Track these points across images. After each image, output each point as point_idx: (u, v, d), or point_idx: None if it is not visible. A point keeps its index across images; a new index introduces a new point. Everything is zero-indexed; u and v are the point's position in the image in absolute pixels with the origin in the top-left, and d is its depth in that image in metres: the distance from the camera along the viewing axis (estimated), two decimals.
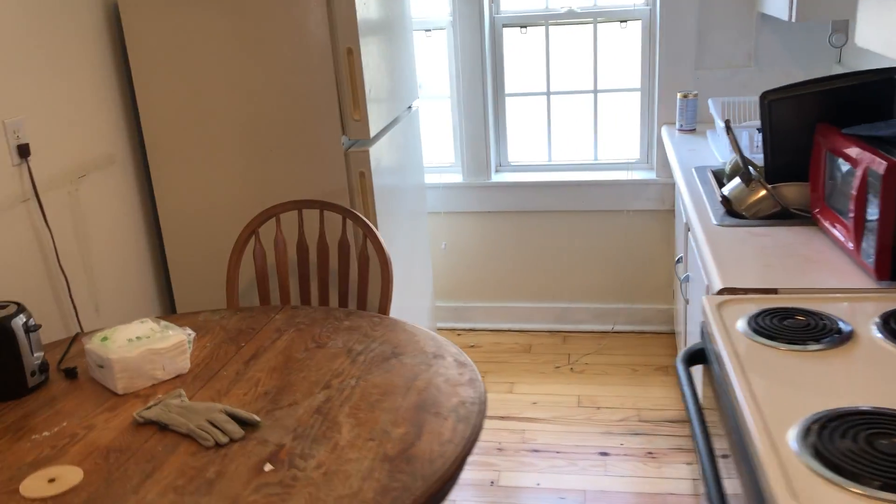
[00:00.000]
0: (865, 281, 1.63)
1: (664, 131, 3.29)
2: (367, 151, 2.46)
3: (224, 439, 1.46)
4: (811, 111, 1.93)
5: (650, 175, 3.48)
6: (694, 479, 2.59)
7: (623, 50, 3.47)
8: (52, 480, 1.37)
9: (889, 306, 1.52)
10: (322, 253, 2.30)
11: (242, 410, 1.54)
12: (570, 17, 3.46)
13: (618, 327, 3.65)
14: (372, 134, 2.47)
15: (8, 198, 2.07)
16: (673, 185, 3.41)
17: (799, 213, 2.07)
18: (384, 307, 2.19)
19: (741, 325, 1.51)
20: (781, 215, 2.08)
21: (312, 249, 2.48)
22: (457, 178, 3.62)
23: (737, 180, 2.17)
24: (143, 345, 1.70)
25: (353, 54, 2.35)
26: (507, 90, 3.57)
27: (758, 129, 2.63)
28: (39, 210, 2.16)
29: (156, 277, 2.76)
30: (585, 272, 3.63)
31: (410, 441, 1.43)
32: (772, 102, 1.92)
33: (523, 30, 3.51)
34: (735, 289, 1.66)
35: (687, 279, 2.69)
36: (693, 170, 2.60)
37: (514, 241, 3.63)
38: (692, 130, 3.17)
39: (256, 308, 2.12)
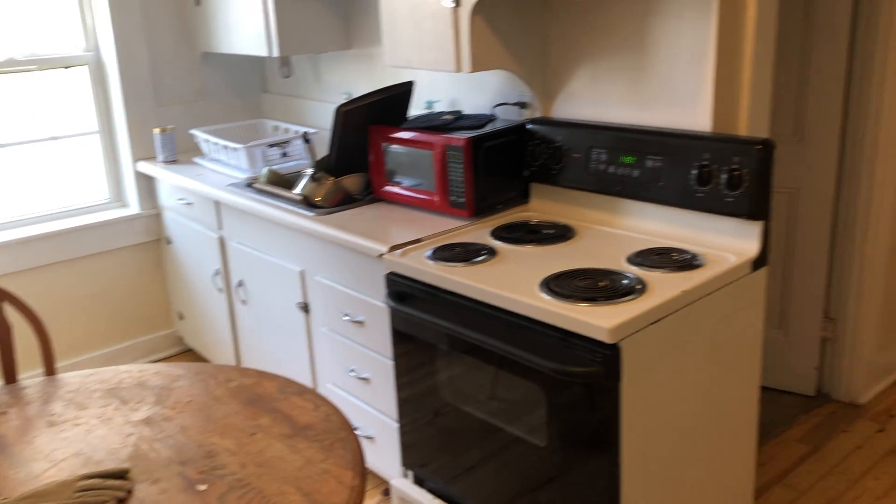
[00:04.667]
0: (458, 221, 2.41)
1: (145, 166, 3.50)
2: None
3: (123, 493, 1.37)
4: (361, 118, 2.60)
5: (128, 212, 3.62)
6: None
7: (71, 95, 3.49)
8: None
9: (488, 228, 2.33)
10: None
11: (103, 469, 1.43)
12: (11, 66, 3.31)
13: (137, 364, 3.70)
14: None
15: None
16: (157, 216, 3.64)
17: (358, 197, 2.72)
18: (51, 367, 2.01)
19: (427, 262, 2.11)
20: (346, 201, 2.70)
21: None
22: None
23: (305, 180, 2.70)
24: None
25: None
26: None
27: (269, 145, 3.18)
28: None
29: None
30: (87, 321, 3.55)
31: (282, 422, 1.60)
32: (346, 112, 2.51)
33: None
34: (396, 245, 2.24)
35: (242, 282, 3.07)
36: (227, 187, 2.99)
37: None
38: (175, 161, 3.47)
39: None
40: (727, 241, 2.04)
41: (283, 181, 2.91)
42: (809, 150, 2.90)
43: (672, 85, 2.17)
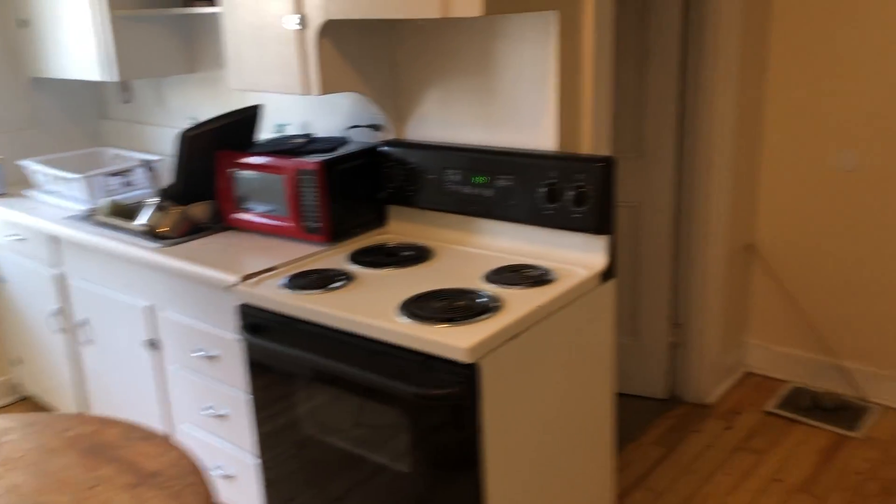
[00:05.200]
0: (314, 247, 2.35)
1: None
2: None
3: None
4: (208, 143, 2.49)
5: None
6: None
7: None
8: None
9: (345, 253, 2.29)
10: None
11: None
12: None
13: None
14: None
15: None
16: None
17: (207, 226, 2.61)
18: None
19: (281, 291, 2.05)
20: (194, 230, 2.58)
21: None
22: None
23: (150, 210, 2.56)
24: None
25: None
26: None
27: (109, 174, 3.00)
28: None
29: None
30: None
31: (127, 471, 1.49)
32: (192, 137, 2.40)
33: None
34: (249, 274, 2.15)
35: (86, 321, 2.86)
36: (65, 220, 2.79)
37: None
38: (3, 194, 3.21)
39: None
40: (577, 256, 2.11)
41: (126, 212, 2.75)
42: (649, 165, 3.06)
43: (518, 106, 2.22)
